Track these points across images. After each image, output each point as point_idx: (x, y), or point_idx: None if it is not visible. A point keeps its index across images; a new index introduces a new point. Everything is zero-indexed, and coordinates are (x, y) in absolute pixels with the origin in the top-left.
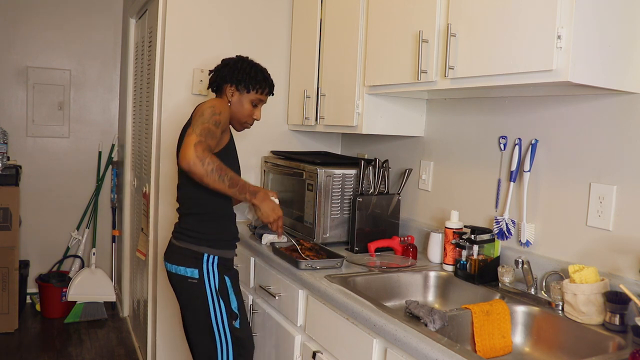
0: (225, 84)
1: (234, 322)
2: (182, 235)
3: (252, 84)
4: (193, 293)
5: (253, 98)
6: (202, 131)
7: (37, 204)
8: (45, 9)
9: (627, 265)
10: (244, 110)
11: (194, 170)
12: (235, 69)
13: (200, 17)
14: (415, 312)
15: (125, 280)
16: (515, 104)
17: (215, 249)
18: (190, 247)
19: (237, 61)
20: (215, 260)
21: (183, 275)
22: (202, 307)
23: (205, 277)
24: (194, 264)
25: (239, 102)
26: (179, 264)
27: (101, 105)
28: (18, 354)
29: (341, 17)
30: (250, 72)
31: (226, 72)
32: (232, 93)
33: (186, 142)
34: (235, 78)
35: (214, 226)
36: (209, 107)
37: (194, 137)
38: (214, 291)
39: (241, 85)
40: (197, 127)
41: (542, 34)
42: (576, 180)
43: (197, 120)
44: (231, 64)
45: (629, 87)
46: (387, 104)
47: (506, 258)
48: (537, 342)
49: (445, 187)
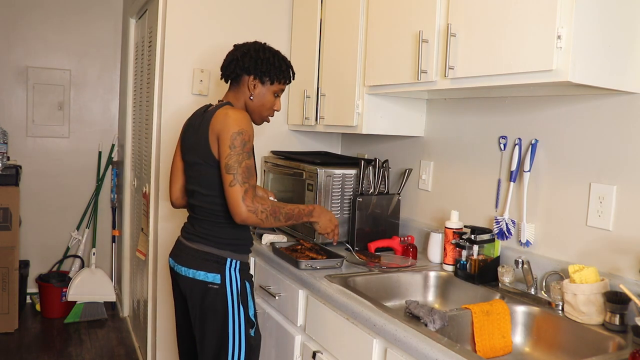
0: (247, 75)
1: (250, 330)
2: (200, 238)
3: (277, 75)
4: (212, 299)
5: (276, 89)
6: (243, 175)
7: (37, 204)
8: (45, 9)
9: (627, 265)
10: (267, 102)
11: (250, 222)
12: (258, 60)
13: (200, 17)
14: (415, 312)
15: (125, 280)
16: (515, 104)
17: (237, 253)
18: (211, 250)
19: (258, 50)
20: (238, 265)
21: (202, 280)
22: (221, 313)
23: (227, 283)
24: (215, 269)
25: (261, 94)
26: (198, 268)
27: (101, 105)
28: (18, 354)
29: (341, 17)
30: (274, 62)
31: (248, 62)
32: (254, 85)
33: (233, 196)
34: (259, 70)
35: (233, 231)
36: (237, 135)
37: (239, 190)
38: (236, 297)
39: (265, 77)
40: (236, 169)
41: (542, 34)
42: (576, 180)
43: (231, 159)
44: (252, 54)
45: (629, 87)
46: (387, 104)
47: (506, 258)
48: (537, 342)
49: (445, 187)
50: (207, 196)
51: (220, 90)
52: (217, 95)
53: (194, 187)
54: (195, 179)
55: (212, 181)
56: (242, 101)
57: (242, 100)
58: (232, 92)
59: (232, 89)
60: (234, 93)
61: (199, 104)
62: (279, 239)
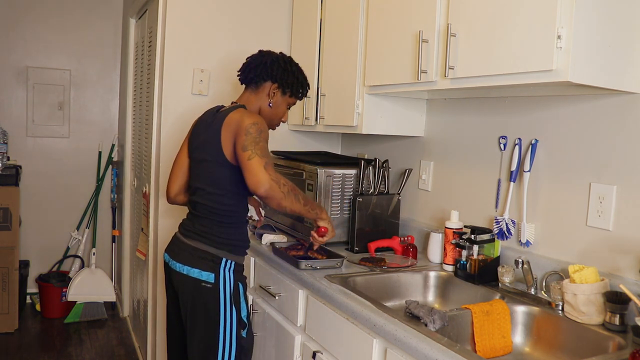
0: (272, 82)
1: (242, 331)
2: (198, 236)
3: (298, 89)
4: (205, 298)
5: (291, 102)
6: (263, 151)
7: (37, 204)
8: (45, 9)
9: (627, 265)
10: (280, 112)
11: (272, 195)
12: (287, 71)
13: (200, 18)
14: (415, 312)
15: (125, 280)
16: (515, 104)
17: (233, 254)
18: (208, 249)
19: (287, 62)
20: (232, 266)
21: (196, 278)
22: (213, 313)
23: (220, 282)
24: (210, 268)
25: (278, 103)
26: (192, 265)
27: (101, 105)
28: (18, 354)
29: (341, 17)
30: (299, 77)
31: (276, 70)
32: (274, 93)
33: (253, 166)
34: (285, 80)
35: (233, 231)
36: (252, 124)
37: (258, 160)
38: (228, 297)
39: (288, 89)
40: (254, 147)
41: (542, 34)
42: (576, 180)
43: (247, 140)
44: (281, 64)
45: (629, 87)
46: (387, 104)
47: (506, 258)
48: (537, 342)
49: (445, 187)
50: (212, 194)
51: (220, 91)
52: (217, 95)
53: (199, 184)
54: (201, 176)
55: (218, 179)
56: (258, 106)
57: (257, 105)
58: (249, 95)
59: (249, 92)
60: (251, 96)
61: (199, 104)
62: (279, 239)
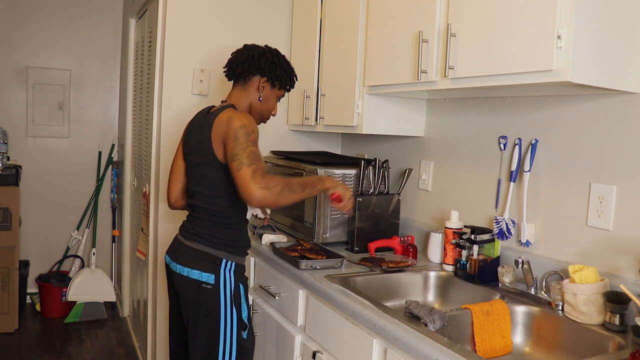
0: (260, 76)
1: (242, 333)
2: (198, 237)
3: (287, 81)
4: (205, 299)
5: (280, 94)
6: (250, 158)
7: (37, 204)
8: (45, 9)
9: (627, 265)
10: (270, 105)
11: (266, 202)
12: (274, 63)
13: (200, 18)
14: (415, 312)
15: (125, 280)
16: (515, 104)
17: (233, 255)
18: (207, 250)
19: (274, 54)
20: (233, 267)
21: (196, 279)
22: (213, 314)
23: (221, 283)
24: (210, 269)
25: (268, 97)
26: (192, 266)
27: (101, 105)
28: (18, 354)
29: (341, 17)
30: (286, 69)
31: (264, 64)
32: (264, 87)
33: (242, 178)
34: (273, 73)
35: (232, 232)
36: (239, 128)
37: (246, 170)
38: (229, 298)
39: (277, 82)
40: (241, 155)
41: (542, 34)
42: (576, 180)
43: (236, 148)
44: (268, 57)
45: (629, 87)
46: (387, 104)
47: (506, 258)
48: (537, 342)
49: (445, 187)
50: (208, 196)
51: (220, 91)
52: (217, 95)
53: (196, 187)
54: (197, 179)
55: (213, 182)
56: (248, 101)
57: (247, 101)
58: (238, 91)
59: (238, 89)
60: (241, 93)
61: (199, 104)
62: (279, 239)
